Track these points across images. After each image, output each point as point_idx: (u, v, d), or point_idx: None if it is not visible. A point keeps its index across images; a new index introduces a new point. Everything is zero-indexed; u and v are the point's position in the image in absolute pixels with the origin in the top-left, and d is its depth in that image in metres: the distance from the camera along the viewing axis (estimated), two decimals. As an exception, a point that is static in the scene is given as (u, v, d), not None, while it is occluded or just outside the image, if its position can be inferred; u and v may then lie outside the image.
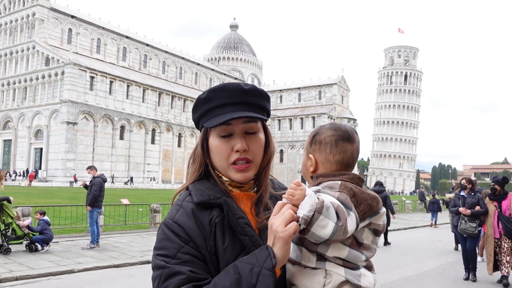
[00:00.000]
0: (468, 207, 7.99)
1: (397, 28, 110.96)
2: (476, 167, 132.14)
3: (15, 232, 9.47)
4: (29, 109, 61.00)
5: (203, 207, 1.16)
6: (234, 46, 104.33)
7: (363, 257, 1.14)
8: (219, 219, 1.14)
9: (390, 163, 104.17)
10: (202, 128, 1.24)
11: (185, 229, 1.13)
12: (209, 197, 1.16)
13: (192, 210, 1.15)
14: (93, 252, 9.91)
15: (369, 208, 1.12)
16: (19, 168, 59.65)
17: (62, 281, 7.49)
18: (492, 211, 7.72)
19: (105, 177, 11.11)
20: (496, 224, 7.62)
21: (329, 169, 1.23)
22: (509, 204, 7.67)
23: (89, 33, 68.25)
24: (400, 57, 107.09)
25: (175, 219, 1.15)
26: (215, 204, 1.16)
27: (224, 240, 1.12)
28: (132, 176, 61.84)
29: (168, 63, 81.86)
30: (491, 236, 7.69)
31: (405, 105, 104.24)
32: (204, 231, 1.13)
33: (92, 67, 61.04)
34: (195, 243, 1.12)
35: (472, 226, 7.94)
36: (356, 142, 1.25)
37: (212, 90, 1.19)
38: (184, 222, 1.14)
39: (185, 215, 1.15)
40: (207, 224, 1.14)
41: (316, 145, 1.26)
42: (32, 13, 62.13)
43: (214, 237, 1.13)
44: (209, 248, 1.12)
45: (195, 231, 1.12)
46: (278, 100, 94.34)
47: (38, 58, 61.68)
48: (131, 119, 64.75)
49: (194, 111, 1.24)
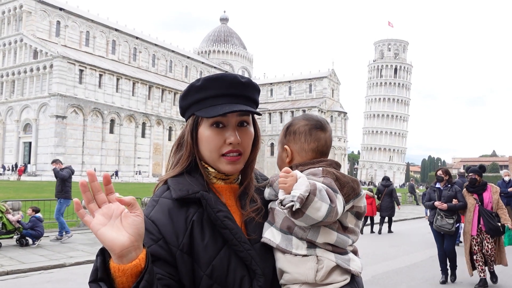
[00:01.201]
0: (445, 200, 7.12)
1: (387, 22, 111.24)
2: (465, 160, 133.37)
3: (5, 227, 9.41)
4: (17, 102, 60.29)
5: (180, 203, 1.12)
6: (224, 39, 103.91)
7: (350, 241, 1.16)
8: (197, 216, 1.12)
9: (380, 156, 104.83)
10: (191, 117, 1.20)
11: (158, 226, 1.09)
12: (188, 192, 1.13)
13: (168, 206, 1.12)
14: (84, 246, 9.89)
15: (352, 190, 1.15)
16: (7, 163, 59.01)
17: (53, 275, 7.47)
18: (472, 205, 6.92)
19: (73, 169, 11.19)
20: (477, 220, 6.83)
21: (305, 157, 1.27)
22: (491, 196, 6.90)
23: (77, 26, 67.48)
24: (390, 51, 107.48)
25: (150, 216, 1.11)
26: (193, 199, 1.12)
27: (203, 236, 1.10)
28: (117, 170, 61.14)
29: (158, 56, 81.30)
30: (468, 233, 6.92)
31: (395, 98, 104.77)
32: (179, 228, 1.09)
33: (81, 60, 60.45)
34: (166, 240, 1.08)
35: (449, 222, 7.09)
36: (328, 131, 1.30)
37: (209, 79, 1.16)
38: (158, 219, 1.10)
39: (160, 212, 1.11)
40: (182, 221, 1.10)
41: (291, 136, 1.30)
42: (20, 5, 61.22)
43: (190, 235, 1.09)
44: (181, 246, 1.08)
45: (168, 228, 1.09)
46: (268, 93, 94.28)
47: (26, 51, 60.90)
48: (121, 112, 64.32)
49: (185, 98, 1.20)
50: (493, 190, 6.95)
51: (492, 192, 6.93)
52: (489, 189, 6.96)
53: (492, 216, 6.71)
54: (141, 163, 67.71)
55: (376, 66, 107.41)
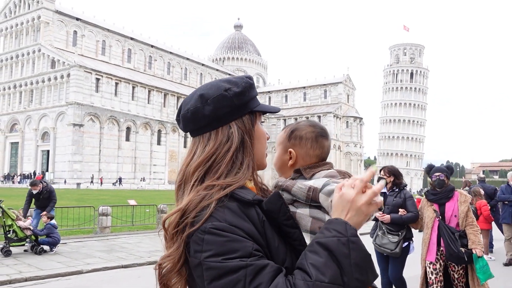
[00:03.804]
0: (389, 210, 5.24)
1: (402, 26, 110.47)
2: (484, 165, 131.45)
3: (17, 234, 9.41)
4: (36, 111, 61.35)
5: (245, 206, 1.05)
6: (238, 46, 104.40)
7: None
8: (264, 218, 1.07)
9: (397, 162, 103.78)
10: (246, 115, 1.15)
11: (243, 229, 1.01)
12: (254, 195, 1.08)
13: (240, 209, 1.04)
14: (101, 253, 9.92)
15: None
16: (26, 171, 59.98)
17: (71, 282, 7.50)
18: (430, 219, 5.00)
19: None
20: (435, 240, 4.91)
21: (308, 162, 1.32)
22: (457, 207, 4.90)
23: (94, 35, 68.53)
24: (406, 55, 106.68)
25: (229, 221, 1.00)
26: (256, 201, 1.07)
27: (274, 238, 1.06)
28: (121, 177, 60.71)
29: (173, 64, 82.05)
30: (422, 258, 5.07)
31: (411, 103, 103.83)
32: (257, 229, 1.03)
33: (98, 69, 61.30)
34: (256, 242, 1.01)
35: (392, 241, 5.23)
36: (329, 139, 1.39)
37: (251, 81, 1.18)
38: (239, 223, 1.01)
39: (236, 216, 1.02)
40: (257, 222, 1.04)
41: (296, 140, 1.35)
42: (38, 16, 62.49)
43: (265, 235, 1.05)
44: (265, 245, 1.04)
45: (252, 230, 1.02)
46: (283, 99, 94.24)
47: (43, 61, 62.04)
48: (137, 120, 64.94)
49: (244, 94, 1.13)
50: (460, 199, 4.93)
51: (460, 201, 4.92)
52: (456, 198, 4.96)
53: (454, 236, 4.74)
54: (157, 170, 68.15)
55: (392, 70, 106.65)
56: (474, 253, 4.65)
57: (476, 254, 4.64)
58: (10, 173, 60.36)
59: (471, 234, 4.76)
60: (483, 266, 4.65)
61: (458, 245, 4.69)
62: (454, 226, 4.86)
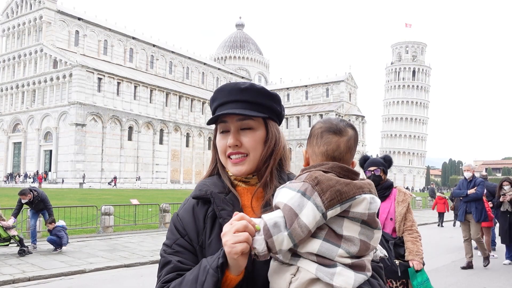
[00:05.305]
0: None
1: (404, 23, 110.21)
2: (487, 163, 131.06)
3: (0, 235, 9.14)
4: (38, 111, 61.47)
5: (203, 202, 1.24)
6: (240, 45, 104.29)
7: (339, 250, 1.05)
8: (212, 214, 1.21)
9: (399, 160, 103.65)
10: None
11: (183, 223, 1.23)
12: (205, 192, 1.23)
13: (192, 206, 1.25)
14: (103, 252, 9.96)
15: (337, 194, 1.04)
16: (29, 170, 60.04)
17: (74, 281, 7.53)
18: None
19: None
20: None
21: (315, 161, 1.19)
22: (393, 208, 4.02)
23: (96, 35, 68.56)
24: (408, 53, 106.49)
25: (179, 214, 1.26)
26: (208, 198, 1.22)
27: (211, 234, 1.19)
28: (116, 176, 60.08)
29: (175, 63, 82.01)
30: None
31: (413, 101, 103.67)
32: (199, 226, 1.21)
33: (100, 68, 61.33)
34: (190, 237, 1.21)
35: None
36: (346, 136, 1.20)
37: (216, 90, 1.27)
38: (183, 217, 1.24)
39: (186, 211, 1.25)
40: (202, 219, 1.22)
41: (309, 139, 1.25)
42: (40, 16, 62.55)
43: (205, 232, 1.20)
44: (201, 242, 1.20)
45: (190, 225, 1.22)
46: (285, 98, 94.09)
47: (46, 61, 62.12)
48: (139, 119, 64.99)
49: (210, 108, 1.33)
50: (398, 198, 4.05)
51: (397, 201, 4.04)
52: (392, 197, 4.08)
53: (388, 245, 3.84)
54: (160, 169, 68.19)
55: (394, 68, 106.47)
56: (411, 266, 3.77)
57: (413, 267, 3.77)
58: (13, 173, 60.52)
59: (408, 242, 3.88)
60: (422, 282, 3.79)
61: (392, 256, 3.80)
62: (390, 232, 3.96)
